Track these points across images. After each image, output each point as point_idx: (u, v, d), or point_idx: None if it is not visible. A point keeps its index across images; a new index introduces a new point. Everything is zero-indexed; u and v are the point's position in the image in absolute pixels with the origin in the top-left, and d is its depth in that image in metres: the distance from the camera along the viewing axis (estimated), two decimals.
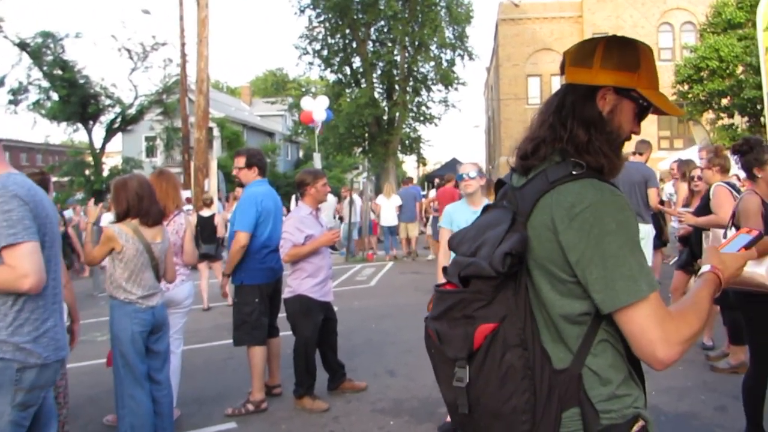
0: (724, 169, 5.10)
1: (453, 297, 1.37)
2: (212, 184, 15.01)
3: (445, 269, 1.49)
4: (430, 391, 4.89)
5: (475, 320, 1.31)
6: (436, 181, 16.84)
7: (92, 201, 4.93)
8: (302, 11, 27.21)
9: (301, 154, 43.75)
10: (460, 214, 4.04)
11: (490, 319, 1.30)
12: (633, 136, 1.50)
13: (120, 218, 3.65)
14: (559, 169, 1.37)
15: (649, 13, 28.37)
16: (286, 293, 4.66)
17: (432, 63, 27.52)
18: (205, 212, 9.55)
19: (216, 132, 29.29)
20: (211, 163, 15.51)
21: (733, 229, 3.67)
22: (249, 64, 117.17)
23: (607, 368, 1.32)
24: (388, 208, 14.20)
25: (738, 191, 4.80)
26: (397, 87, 27.38)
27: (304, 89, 32.54)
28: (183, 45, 17.12)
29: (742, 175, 8.21)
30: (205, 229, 9.20)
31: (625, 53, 1.42)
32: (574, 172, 1.34)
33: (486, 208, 1.56)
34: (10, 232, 2.09)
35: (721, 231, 3.72)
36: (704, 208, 5.11)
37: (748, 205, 3.55)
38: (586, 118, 1.41)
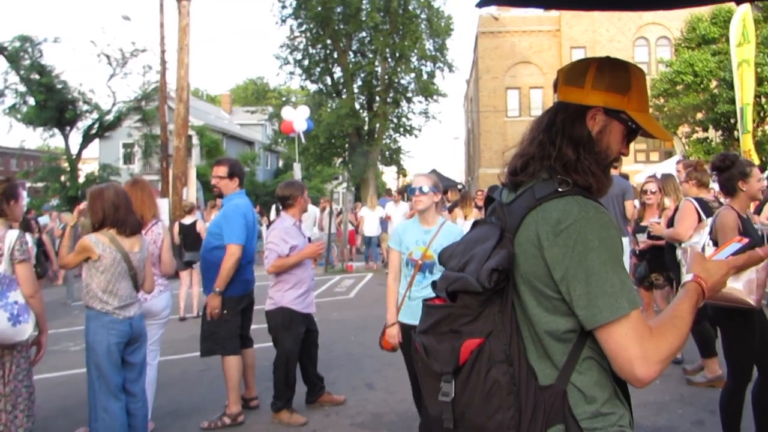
0: (701, 184, 5.14)
1: (440, 311, 1.37)
2: (191, 192, 14.87)
3: (433, 284, 1.49)
4: (409, 405, 4.85)
5: (462, 335, 1.31)
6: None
7: (80, 205, 4.82)
8: (284, 21, 27.22)
9: (281, 163, 43.55)
10: (410, 234, 3.71)
11: (476, 334, 1.30)
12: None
13: (96, 228, 3.58)
14: (545, 186, 1.38)
15: (625, 28, 28.89)
16: (268, 305, 4.60)
17: (412, 74, 27.66)
18: (187, 219, 9.44)
19: (195, 140, 29.03)
20: (190, 172, 15.37)
21: (711, 244, 3.72)
22: (229, 73, 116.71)
23: (592, 386, 1.33)
24: (371, 219, 14.25)
25: (709, 208, 4.82)
26: (377, 98, 27.47)
27: (284, 99, 32.42)
28: (163, 52, 16.97)
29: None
30: (188, 237, 9.08)
31: (617, 75, 1.44)
32: (560, 189, 1.35)
33: (475, 224, 1.57)
34: None
35: (699, 248, 3.75)
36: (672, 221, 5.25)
37: (725, 220, 3.59)
38: (575, 137, 1.42)
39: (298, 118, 16.50)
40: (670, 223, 5.36)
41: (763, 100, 14.72)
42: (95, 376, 3.49)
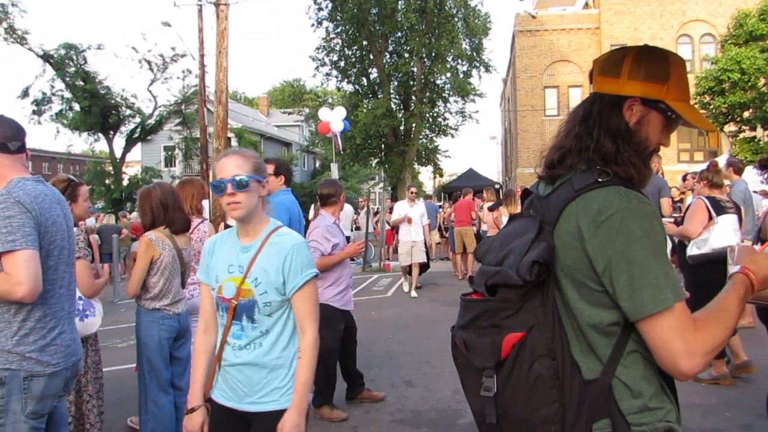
0: (713, 184, 5.24)
1: (480, 306, 1.37)
2: None
3: (470, 279, 1.49)
4: (448, 403, 4.87)
5: (503, 329, 1.30)
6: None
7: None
8: (320, 23, 27.51)
9: (317, 164, 43.95)
10: (221, 256, 2.28)
11: (518, 328, 1.29)
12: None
13: (147, 229, 3.69)
14: (584, 177, 1.35)
15: (667, 25, 28.21)
16: None
17: (448, 74, 27.58)
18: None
19: (234, 142, 29.50)
20: None
21: (759, 243, 3.63)
22: (266, 75, 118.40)
23: (638, 380, 1.30)
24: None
25: (721, 207, 4.99)
26: (413, 98, 27.47)
27: (320, 100, 32.77)
28: (202, 56, 17.28)
29: (759, 188, 8.13)
30: None
31: (655, 64, 1.40)
32: (599, 180, 1.33)
33: (512, 218, 1.55)
34: (8, 239, 2.05)
35: (749, 245, 3.66)
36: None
37: None
38: (613, 128, 1.39)
39: (335, 118, 16.59)
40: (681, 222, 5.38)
41: None
42: (146, 370, 3.60)
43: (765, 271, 1.36)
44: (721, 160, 12.41)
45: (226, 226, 9.35)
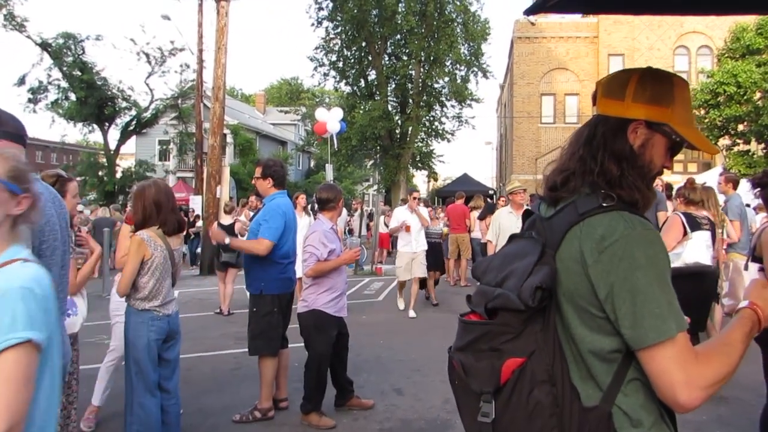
0: (689, 201, 5.43)
1: (479, 329, 1.35)
2: (224, 191, 15.04)
3: (468, 298, 1.46)
4: (437, 412, 4.84)
5: (503, 354, 1.29)
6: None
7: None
8: (320, 23, 27.46)
9: (312, 164, 43.88)
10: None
11: (518, 353, 1.27)
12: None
13: (138, 227, 3.63)
14: (588, 201, 1.34)
15: (665, 36, 28.33)
16: (300, 307, 4.63)
17: (446, 78, 27.60)
18: (226, 219, 9.54)
19: (229, 138, 29.41)
20: (224, 170, 15.54)
21: (752, 261, 3.63)
22: (264, 72, 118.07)
23: (638, 408, 1.28)
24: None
25: (696, 223, 5.18)
26: (411, 101, 27.48)
27: (318, 100, 32.75)
28: (201, 51, 17.19)
29: (754, 202, 8.15)
30: None
31: (659, 87, 1.39)
32: (604, 204, 1.32)
33: (512, 238, 1.53)
34: None
35: (742, 262, 3.67)
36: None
37: None
38: (617, 151, 1.38)
39: (331, 119, 16.56)
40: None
41: None
42: (133, 372, 3.55)
43: None
44: (715, 173, 12.49)
45: (219, 226, 9.32)
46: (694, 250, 5.14)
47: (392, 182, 27.91)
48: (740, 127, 16.30)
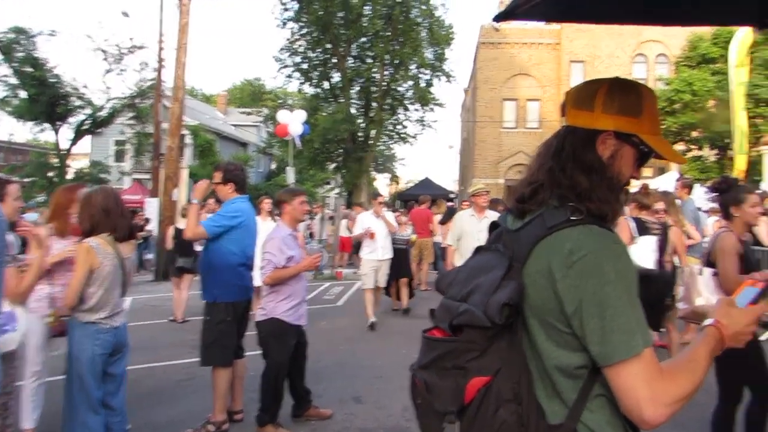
0: (642, 206, 5.60)
1: (444, 346, 1.31)
2: (181, 193, 14.68)
3: (432, 312, 1.41)
4: (397, 420, 4.73)
5: (468, 372, 1.24)
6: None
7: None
8: (284, 24, 27.20)
9: (274, 166, 43.44)
10: None
11: (483, 371, 1.24)
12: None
13: (87, 235, 3.40)
14: (557, 214, 1.32)
15: (625, 44, 28.98)
16: (259, 315, 4.47)
17: (410, 82, 27.71)
18: (183, 224, 9.23)
19: (189, 140, 28.83)
20: (182, 172, 15.19)
21: (706, 266, 3.66)
22: (226, 73, 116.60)
23: (603, 425, 1.26)
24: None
25: (646, 228, 5.35)
26: (374, 104, 27.48)
27: (281, 101, 32.43)
28: (161, 50, 16.83)
29: (706, 206, 8.39)
30: (183, 242, 8.73)
31: (628, 98, 1.38)
32: (572, 218, 1.29)
33: (478, 250, 1.49)
34: None
35: (697, 267, 3.70)
36: None
37: (724, 243, 3.58)
38: (587, 163, 1.37)
39: (294, 121, 16.38)
40: None
41: (759, 121, 14.77)
42: (75, 388, 3.32)
43: (736, 327, 1.34)
44: (670, 178, 12.75)
45: (176, 230, 9.03)
46: (637, 255, 5.20)
47: (354, 185, 27.84)
48: (694, 134, 16.78)
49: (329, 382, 5.78)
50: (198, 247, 8.05)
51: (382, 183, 45.72)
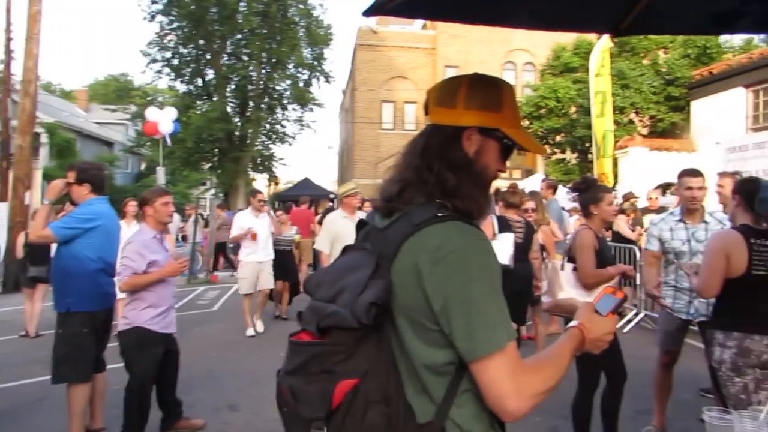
0: (508, 204, 5.87)
1: (310, 350, 1.26)
2: (34, 196, 13.46)
3: (299, 315, 1.36)
4: (274, 426, 4.54)
5: (335, 375, 1.21)
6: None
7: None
8: (153, 17, 25.75)
9: (143, 166, 41.11)
10: None
11: (351, 374, 1.21)
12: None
13: None
14: (423, 211, 1.31)
15: (495, 51, 30.50)
16: (121, 324, 4.16)
17: (288, 81, 27.35)
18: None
19: (44, 138, 26.46)
20: (35, 174, 13.94)
21: (567, 262, 3.89)
22: (88, 67, 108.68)
23: (470, 419, 1.27)
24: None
25: (509, 225, 5.66)
26: (251, 103, 26.84)
27: (150, 98, 30.64)
28: (9, 40, 15.34)
29: (569, 206, 9.04)
30: (36, 249, 7.98)
31: (488, 93, 1.41)
32: (439, 214, 1.29)
33: (346, 249, 1.46)
34: None
35: (559, 262, 3.92)
36: None
37: (582, 239, 3.82)
38: (453, 160, 1.37)
39: (164, 119, 15.58)
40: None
41: (615, 127, 16.11)
42: None
43: (597, 334, 1.42)
44: (536, 178, 13.56)
45: (26, 236, 8.23)
46: (495, 250, 5.49)
47: (231, 186, 27.01)
48: (558, 138, 17.91)
49: (202, 391, 5.52)
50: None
51: (260, 184, 44.86)
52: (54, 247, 7.25)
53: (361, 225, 1.53)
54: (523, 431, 4.48)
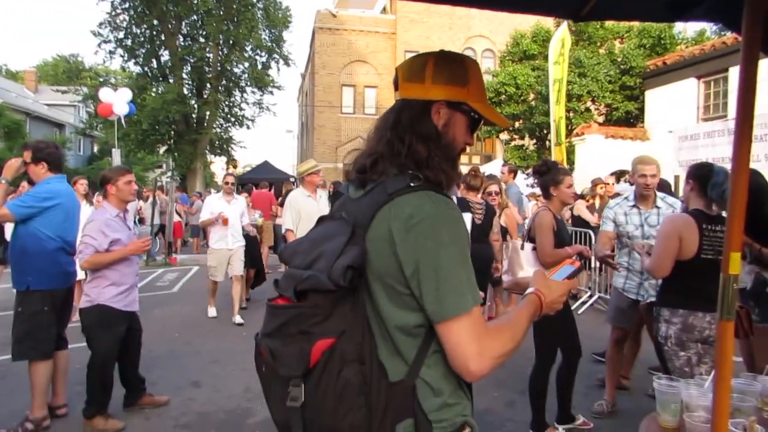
0: (470, 187, 5.90)
1: (288, 312, 1.32)
2: None
3: (276, 282, 1.42)
4: (238, 402, 4.67)
5: (312, 336, 1.27)
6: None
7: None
8: None
9: (96, 149, 39.98)
10: None
11: (328, 334, 1.26)
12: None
13: None
14: (397, 182, 1.37)
15: (455, 38, 30.69)
16: (83, 302, 4.15)
17: (246, 64, 26.94)
18: None
19: None
20: None
21: (528, 241, 4.05)
22: (35, 47, 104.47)
23: (439, 379, 1.35)
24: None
25: (469, 207, 5.69)
26: (208, 85, 26.37)
27: (102, 79, 29.74)
28: None
29: (526, 191, 9.28)
30: None
31: (454, 68, 1.46)
32: (412, 184, 1.35)
33: (321, 220, 1.52)
34: None
35: (519, 242, 4.07)
36: None
37: (542, 220, 3.97)
38: (423, 133, 1.43)
39: (118, 100, 15.23)
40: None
41: (572, 114, 16.36)
42: None
43: (553, 297, 1.51)
44: (496, 164, 13.81)
45: None
46: None
47: (188, 169, 26.56)
48: (517, 124, 18.11)
49: (164, 370, 5.54)
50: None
51: (218, 167, 44.13)
52: (10, 227, 7.14)
53: (335, 196, 1.60)
54: (483, 405, 4.67)
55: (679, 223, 3.22)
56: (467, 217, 5.75)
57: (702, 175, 3.26)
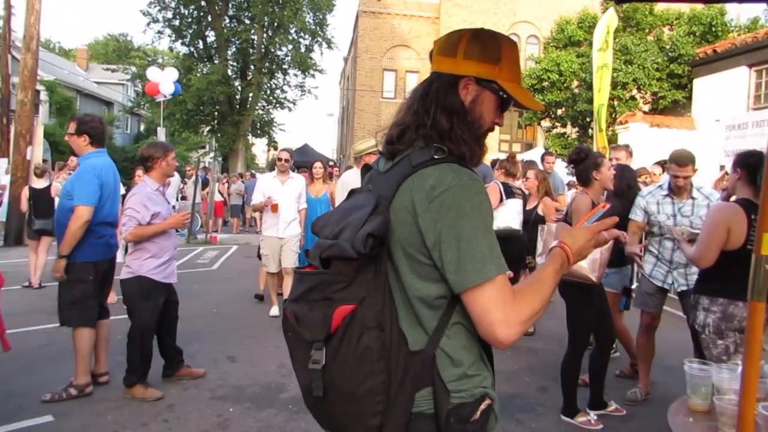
0: (508, 173, 6.08)
1: (312, 278, 1.35)
2: (36, 152, 13.47)
3: (306, 252, 1.46)
4: (272, 377, 4.78)
5: (334, 302, 1.29)
6: None
7: None
8: None
9: (142, 127, 40.90)
10: None
11: (349, 300, 1.29)
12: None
13: None
14: (421, 154, 1.38)
15: (499, 23, 30.17)
16: (124, 273, 4.29)
17: (290, 46, 27.10)
18: (38, 183, 8.53)
19: (44, 96, 26.32)
20: (37, 130, 13.91)
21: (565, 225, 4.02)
22: (88, 26, 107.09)
23: (459, 350, 1.36)
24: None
25: (511, 192, 5.87)
26: (252, 67, 26.65)
27: (150, 59, 30.38)
28: None
29: (566, 179, 9.11)
30: (40, 202, 8.24)
31: (488, 45, 1.45)
32: (435, 157, 1.36)
33: (351, 192, 1.55)
34: None
35: (554, 225, 4.04)
36: None
37: (579, 204, 3.91)
38: (449, 106, 1.43)
39: (165, 80, 15.53)
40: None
41: (616, 102, 15.97)
42: None
43: (579, 243, 1.47)
44: (537, 152, 13.60)
45: (31, 190, 8.34)
46: (505, 216, 5.69)
47: (230, 150, 26.97)
48: (559, 112, 17.80)
49: (201, 344, 5.69)
50: None
51: (259, 149, 44.67)
52: (56, 200, 7.40)
53: (366, 169, 1.63)
54: (514, 389, 4.69)
55: (728, 213, 3.13)
56: (517, 203, 5.75)
57: (752, 163, 3.17)
